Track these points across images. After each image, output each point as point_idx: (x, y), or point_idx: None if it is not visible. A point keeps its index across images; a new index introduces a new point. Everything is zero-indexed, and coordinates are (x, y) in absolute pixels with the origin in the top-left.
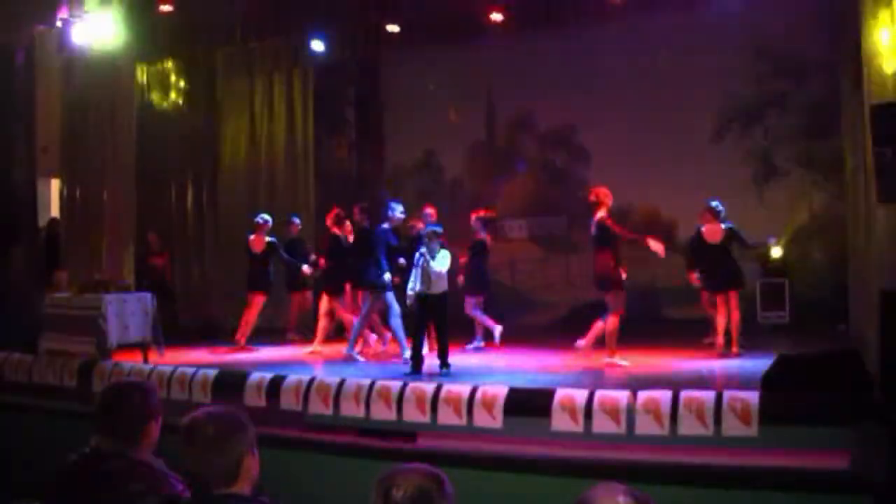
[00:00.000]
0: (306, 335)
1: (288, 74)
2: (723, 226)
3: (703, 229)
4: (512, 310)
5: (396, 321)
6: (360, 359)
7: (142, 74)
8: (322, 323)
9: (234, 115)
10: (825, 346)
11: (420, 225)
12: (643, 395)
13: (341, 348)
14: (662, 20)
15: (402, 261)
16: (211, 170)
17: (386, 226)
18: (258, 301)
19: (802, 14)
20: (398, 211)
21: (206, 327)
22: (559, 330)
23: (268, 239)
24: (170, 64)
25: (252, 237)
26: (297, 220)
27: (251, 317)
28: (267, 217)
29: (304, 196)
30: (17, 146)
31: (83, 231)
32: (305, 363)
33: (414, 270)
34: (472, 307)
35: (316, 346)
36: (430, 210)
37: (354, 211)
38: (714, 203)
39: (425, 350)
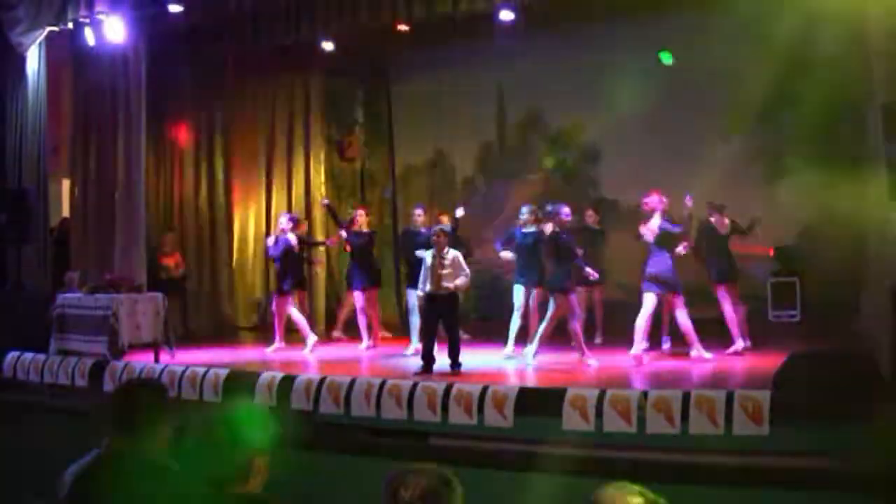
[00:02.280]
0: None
1: (298, 74)
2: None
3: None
4: None
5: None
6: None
7: (152, 73)
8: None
9: (245, 114)
10: (837, 344)
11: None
12: (654, 394)
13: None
14: (673, 18)
15: None
16: (222, 170)
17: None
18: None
19: (814, 11)
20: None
21: (217, 327)
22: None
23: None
24: (181, 63)
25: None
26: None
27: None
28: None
29: (315, 195)
30: (28, 147)
31: (94, 231)
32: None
33: (423, 270)
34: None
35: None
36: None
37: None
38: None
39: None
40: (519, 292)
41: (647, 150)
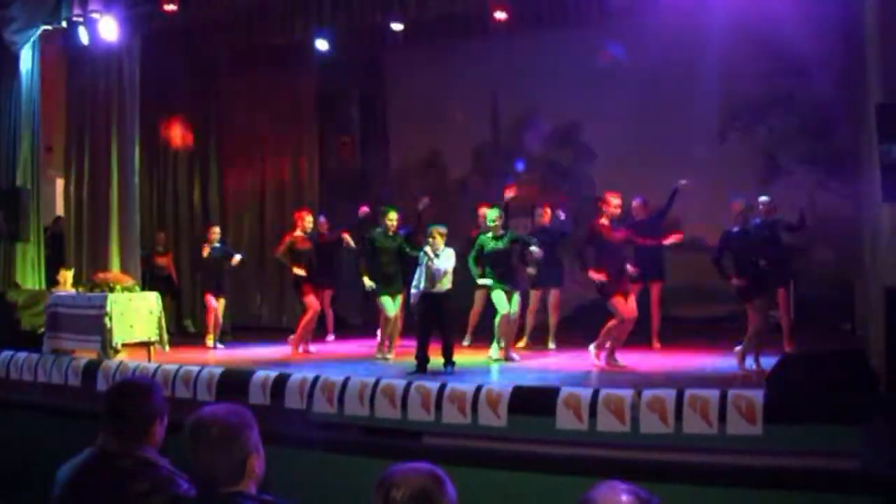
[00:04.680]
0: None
1: (292, 73)
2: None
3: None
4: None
5: None
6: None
7: (146, 73)
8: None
9: (239, 114)
10: (830, 345)
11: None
12: (648, 394)
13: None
14: (667, 18)
15: None
16: (216, 169)
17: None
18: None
19: (808, 11)
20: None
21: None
22: (565, 329)
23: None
24: (175, 62)
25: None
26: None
27: None
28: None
29: (309, 195)
30: (21, 145)
31: (88, 230)
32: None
33: (418, 269)
34: None
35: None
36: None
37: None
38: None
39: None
40: None
41: (642, 149)
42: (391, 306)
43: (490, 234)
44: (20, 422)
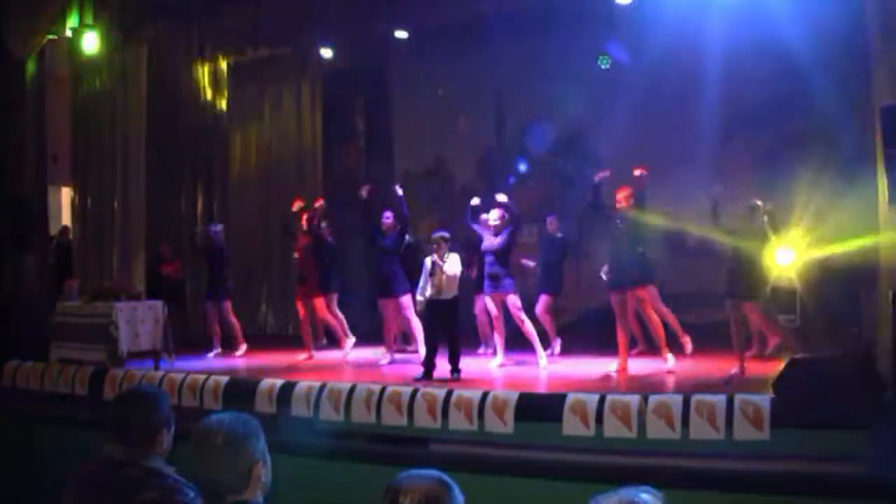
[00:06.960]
0: None
1: (297, 82)
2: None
3: None
4: None
5: None
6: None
7: (151, 83)
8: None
9: (244, 123)
10: (837, 349)
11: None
12: (654, 399)
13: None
14: (671, 23)
15: None
16: (221, 178)
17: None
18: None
19: (812, 14)
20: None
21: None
22: (569, 335)
23: None
24: (180, 72)
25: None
26: None
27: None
28: None
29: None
30: (27, 155)
31: (94, 239)
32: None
33: (423, 276)
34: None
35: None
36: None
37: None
38: None
39: None
40: None
41: (647, 155)
42: None
43: None
44: (26, 431)
